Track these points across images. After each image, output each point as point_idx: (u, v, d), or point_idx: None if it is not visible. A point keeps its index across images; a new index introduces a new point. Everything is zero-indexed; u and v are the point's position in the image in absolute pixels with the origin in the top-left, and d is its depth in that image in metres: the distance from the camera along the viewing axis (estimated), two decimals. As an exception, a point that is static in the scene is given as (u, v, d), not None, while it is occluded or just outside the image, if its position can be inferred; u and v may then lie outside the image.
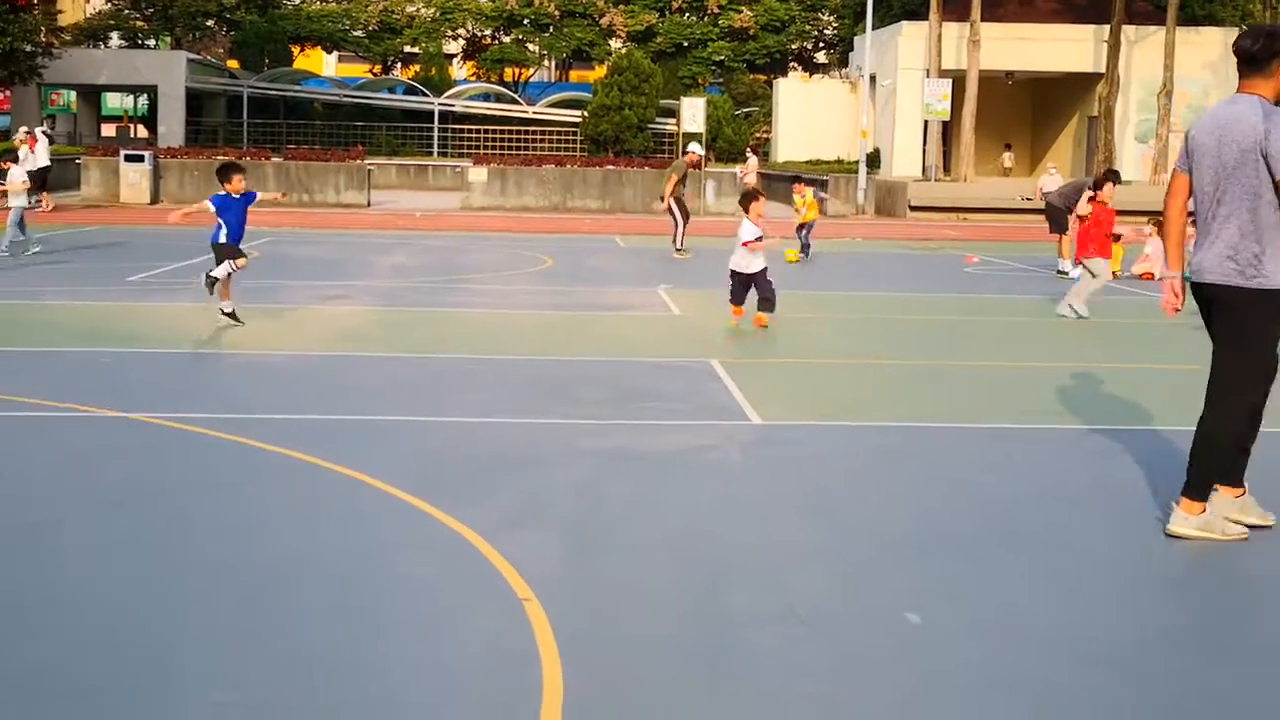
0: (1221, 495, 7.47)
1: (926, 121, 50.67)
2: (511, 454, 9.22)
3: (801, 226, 26.36)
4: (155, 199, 40.39)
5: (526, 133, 65.69)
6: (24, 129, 46.03)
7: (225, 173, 14.77)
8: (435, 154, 63.42)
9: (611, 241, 30.68)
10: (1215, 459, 7.39)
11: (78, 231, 29.04)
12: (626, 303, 18.32)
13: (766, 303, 15.37)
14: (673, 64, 69.93)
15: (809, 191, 27.24)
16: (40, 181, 34.39)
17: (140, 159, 40.70)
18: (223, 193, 14.70)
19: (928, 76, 50.04)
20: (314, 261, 23.52)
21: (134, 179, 40.07)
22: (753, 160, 46.27)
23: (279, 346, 13.71)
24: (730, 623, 6.02)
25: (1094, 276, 17.53)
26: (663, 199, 27.23)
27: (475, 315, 16.83)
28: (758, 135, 62.37)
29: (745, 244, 15.43)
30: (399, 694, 5.17)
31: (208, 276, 14.83)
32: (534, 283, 20.96)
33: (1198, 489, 7.41)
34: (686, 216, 26.64)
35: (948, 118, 49.51)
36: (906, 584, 6.60)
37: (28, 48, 49.55)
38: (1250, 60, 7.20)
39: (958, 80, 49.32)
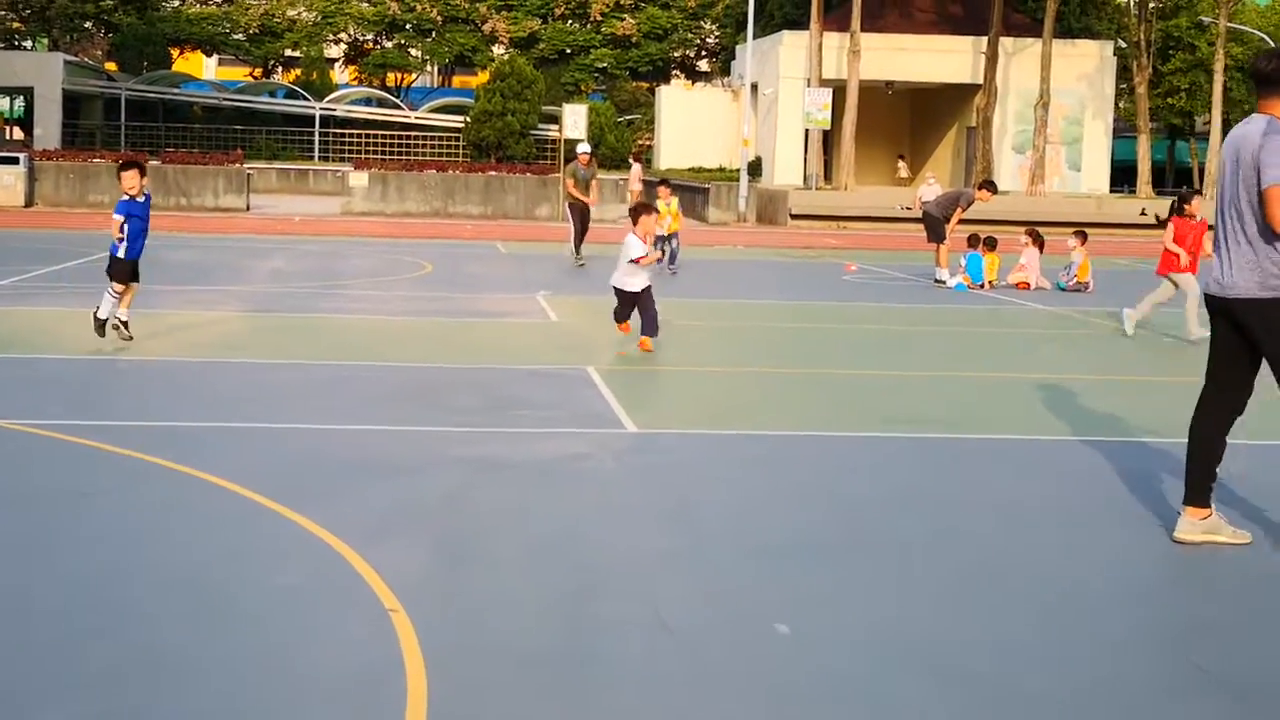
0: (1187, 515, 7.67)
1: (808, 130, 51.12)
2: (381, 462, 9.13)
3: (669, 236, 24.93)
4: (30, 202, 39.60)
5: (409, 138, 65.34)
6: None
7: (119, 172, 13.52)
8: (316, 158, 62.86)
9: (493, 247, 30.59)
10: (1211, 461, 7.63)
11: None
12: (505, 309, 18.26)
13: (651, 325, 14.31)
14: (555, 70, 69.93)
15: (674, 200, 25.66)
16: None
17: (15, 161, 39.90)
18: (124, 197, 13.48)
19: (809, 86, 50.47)
20: (189, 266, 23.17)
21: (8, 181, 39.26)
22: (636, 168, 46.34)
23: (150, 352, 13.47)
24: (598, 632, 6.01)
25: (1178, 290, 16.89)
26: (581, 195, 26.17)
27: (350, 321, 16.67)
28: (640, 143, 62.51)
29: (633, 260, 14.38)
30: (261, 704, 5.09)
31: (95, 318, 13.54)
32: (412, 288, 20.83)
33: (1199, 493, 7.61)
34: (584, 223, 26.14)
35: (828, 127, 49.99)
36: (774, 593, 6.62)
37: (-107, 46, 48.48)
38: (1265, 81, 7.42)
39: (838, 90, 49.79)
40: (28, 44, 71.42)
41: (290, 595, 6.34)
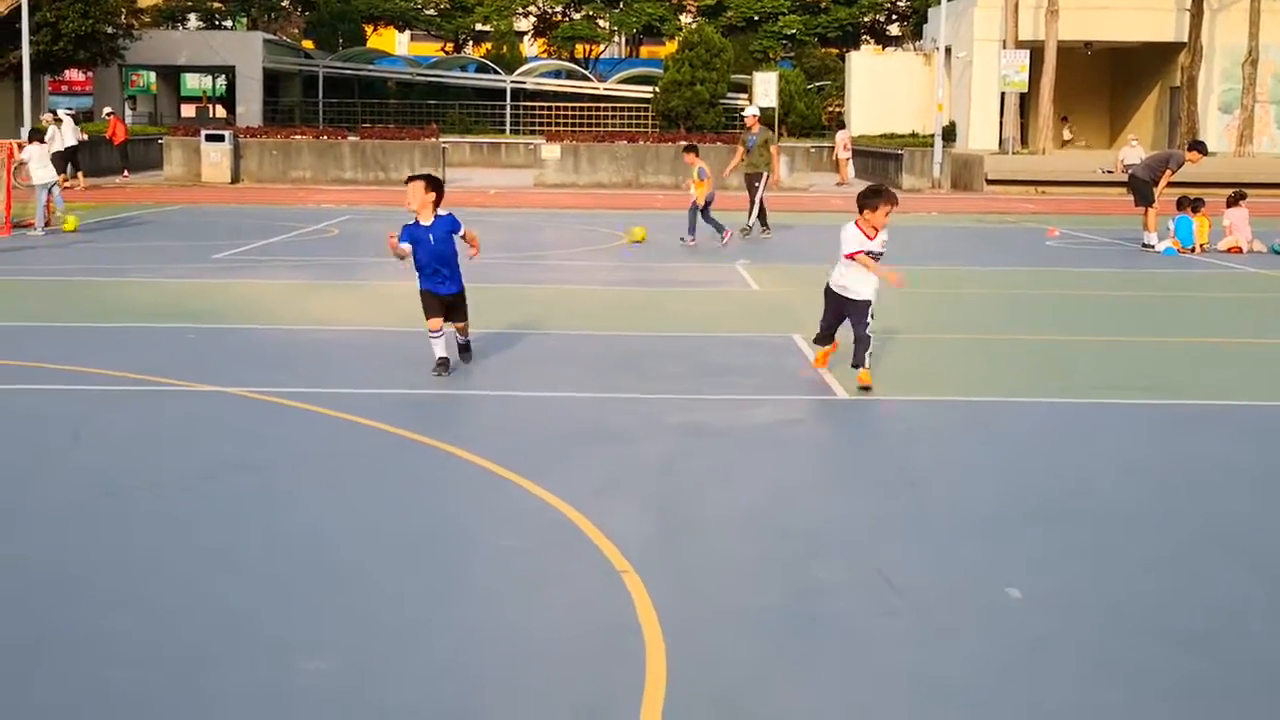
0: None
1: (1003, 94, 50.25)
2: (599, 428, 9.29)
3: (698, 208, 23.67)
4: (235, 178, 40.77)
5: (597, 109, 65.75)
6: (106, 110, 46.71)
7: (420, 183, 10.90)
8: (507, 131, 63.59)
9: (686, 218, 30.62)
10: None
11: (162, 210, 29.38)
12: (705, 279, 18.33)
13: (862, 345, 10.69)
14: (744, 38, 69.64)
15: (698, 165, 23.84)
16: (66, 162, 35.01)
17: (220, 139, 41.08)
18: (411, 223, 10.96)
19: (1004, 48, 49.59)
20: (374, 239, 23.62)
21: (215, 158, 40.46)
22: (842, 134, 46.01)
23: (362, 322, 13.84)
24: (823, 594, 6.07)
25: None
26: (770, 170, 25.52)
27: (553, 291, 16.90)
28: (830, 109, 62.05)
29: (848, 255, 10.79)
30: (504, 662, 5.24)
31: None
32: (611, 259, 21.01)
33: None
34: (751, 191, 25.68)
35: (1025, 89, 49.07)
36: (999, 558, 6.61)
37: (109, 29, 50.18)
38: None
39: (1035, 51, 48.83)
40: (228, 24, 73.40)
41: (522, 558, 6.51)
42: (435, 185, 10.91)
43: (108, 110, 45.93)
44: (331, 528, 6.96)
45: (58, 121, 36.94)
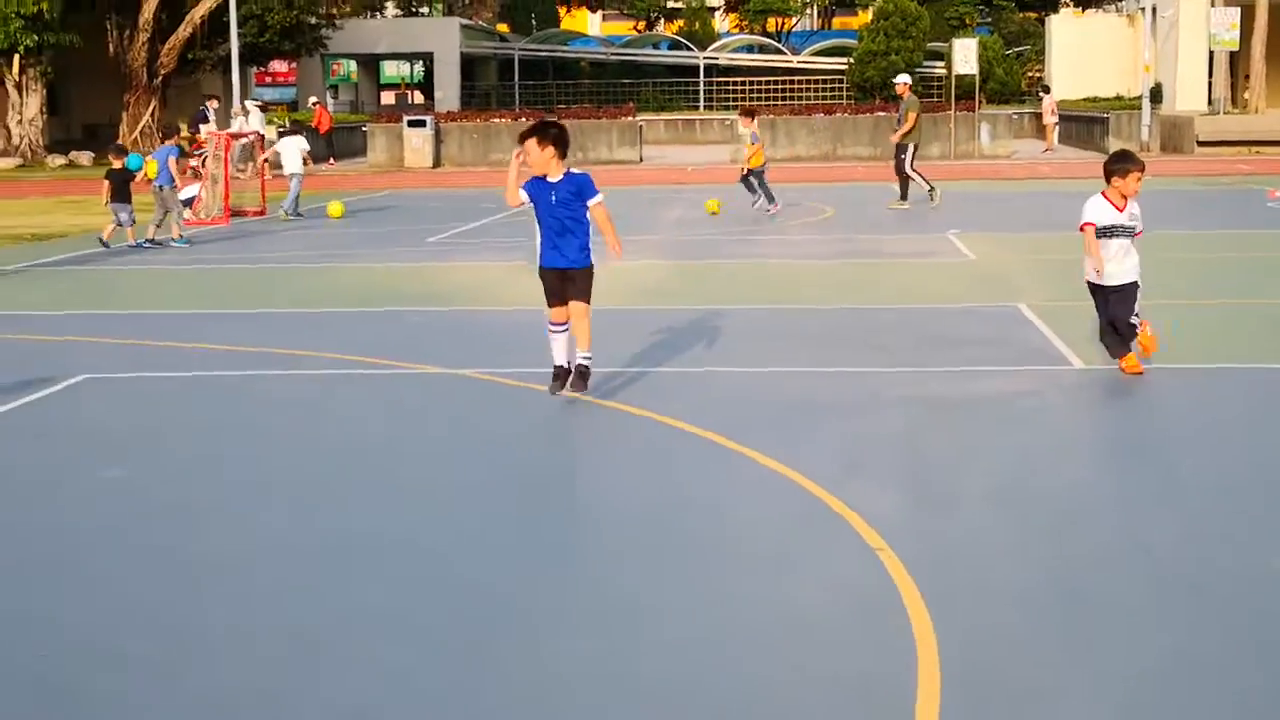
0: None
1: (1212, 53, 48.64)
2: (828, 402, 9.22)
3: (751, 173, 23.63)
4: (437, 163, 41.42)
5: (791, 83, 65.28)
6: (312, 99, 47.80)
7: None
8: (701, 108, 63.53)
9: (888, 189, 30.28)
10: None
11: (371, 196, 29.97)
12: (917, 249, 18.07)
13: (1126, 333, 9.63)
14: (939, 5, 68.48)
15: (751, 129, 23.61)
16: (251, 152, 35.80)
17: (422, 124, 41.74)
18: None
19: (1213, 5, 47.99)
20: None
21: (417, 144, 41.13)
22: (1048, 99, 45.05)
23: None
24: (1081, 569, 5.92)
25: None
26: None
27: (764, 265, 16.83)
28: (1030, 75, 60.75)
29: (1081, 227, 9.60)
30: (773, 640, 5.21)
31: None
32: (817, 232, 20.85)
33: None
34: (897, 163, 24.84)
35: (1236, 48, 47.44)
36: (1257, 529, 6.39)
37: (312, 20, 51.35)
38: None
39: (1246, 8, 47.17)
40: (424, 10, 74.54)
41: (774, 535, 6.47)
42: (553, 138, 9.16)
43: (314, 100, 46.98)
44: (568, 503, 7.00)
45: (245, 113, 37.82)
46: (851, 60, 58.66)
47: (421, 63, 70.31)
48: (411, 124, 41.90)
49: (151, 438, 8.66)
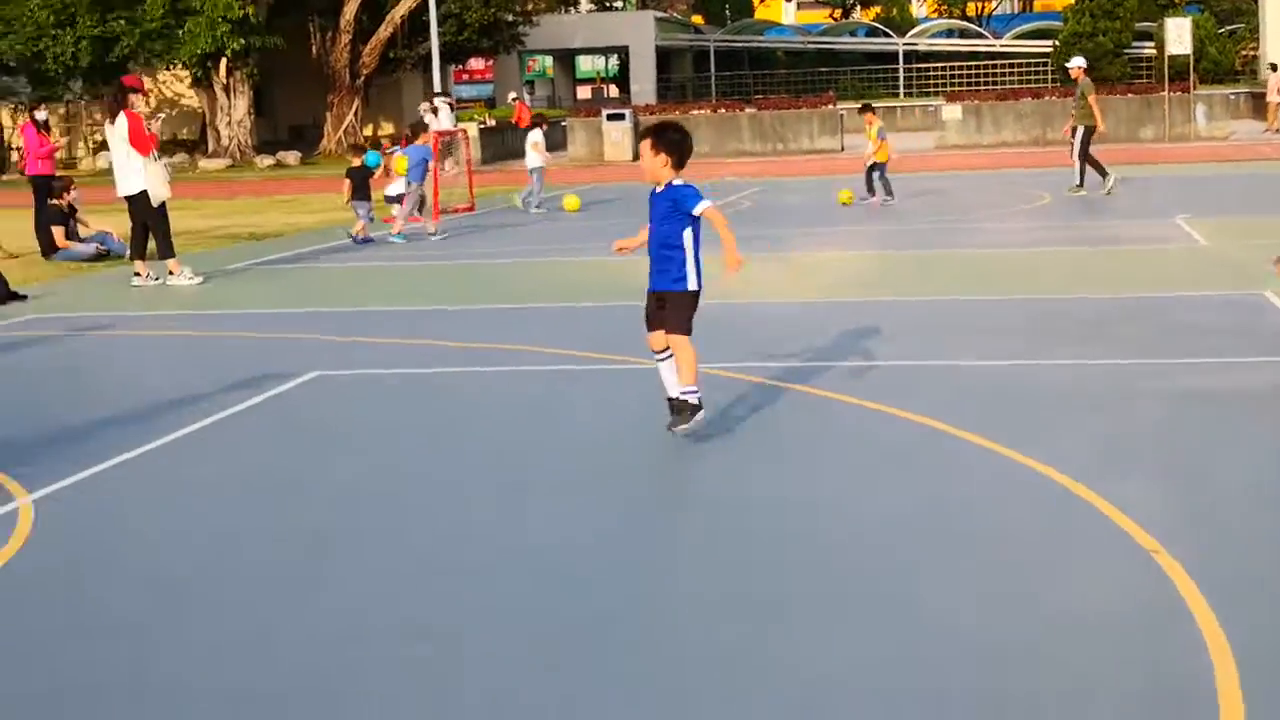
0: None
1: None
2: (1076, 395, 8.87)
3: (875, 167, 23.46)
4: (636, 156, 41.45)
5: (993, 68, 64.14)
6: (511, 95, 48.25)
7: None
8: (900, 95, 62.76)
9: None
10: None
11: (574, 190, 30.07)
12: (1144, 235, 17.45)
13: None
14: (1146, -16, 66.66)
15: (878, 125, 23.70)
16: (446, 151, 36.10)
17: (621, 117, 41.86)
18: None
19: None
20: (801, 210, 23.53)
21: (616, 137, 41.27)
22: (1274, 78, 43.40)
23: (792, 295, 13.70)
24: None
25: None
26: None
27: (987, 255, 16.41)
28: (1244, 53, 58.76)
29: None
30: (1050, 645, 4.93)
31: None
32: (1036, 219, 20.30)
33: None
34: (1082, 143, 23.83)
35: None
36: None
37: (509, 17, 51.89)
38: None
39: None
40: (619, 4, 74.94)
41: (1039, 535, 6.17)
42: (669, 144, 7.92)
43: (513, 96, 47.50)
44: (811, 501, 6.79)
45: (434, 110, 38.19)
46: (1057, 43, 57.39)
47: (616, 57, 70.68)
48: (610, 118, 42.05)
49: (389, 433, 8.66)
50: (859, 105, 27.82)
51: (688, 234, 7.91)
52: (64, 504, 7.29)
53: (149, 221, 16.07)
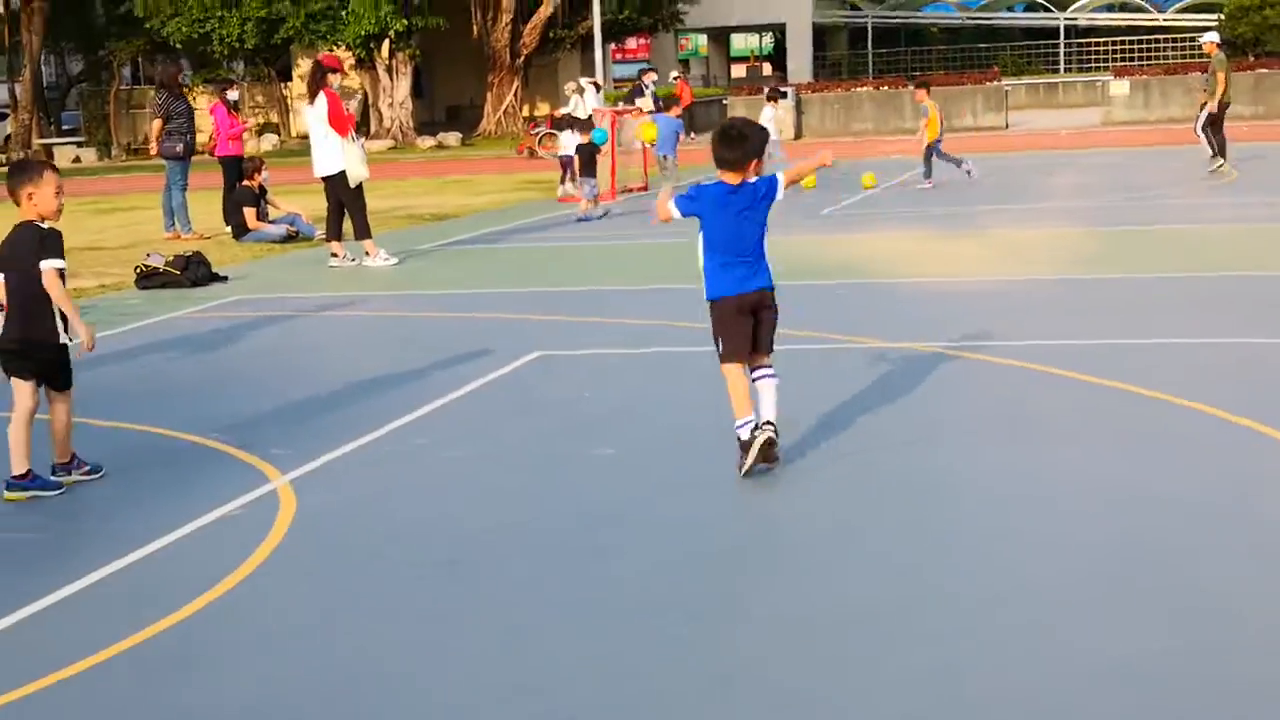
0: None
1: None
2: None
3: (932, 144, 22.95)
4: (798, 134, 41.30)
5: (1155, 42, 62.86)
6: (673, 74, 48.25)
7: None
8: (1061, 70, 61.74)
9: (1275, 148, 28.68)
10: None
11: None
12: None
13: None
14: (1319, -46, 64.67)
15: (930, 103, 23.28)
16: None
17: (783, 95, 41.56)
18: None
19: None
20: (979, 186, 23.23)
21: (778, 114, 40.99)
22: None
23: (995, 272, 13.53)
24: None
25: None
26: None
27: (1185, 231, 16.09)
28: None
29: None
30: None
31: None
32: (1227, 195, 19.84)
33: None
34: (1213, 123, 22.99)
35: None
36: None
37: (670, -6, 51.88)
38: None
39: None
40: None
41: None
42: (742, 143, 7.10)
43: (675, 74, 47.45)
44: (1106, 489, 6.70)
45: (580, 91, 38.16)
46: (1222, 16, 55.98)
47: (771, 34, 70.33)
48: (771, 96, 41.78)
49: (629, 415, 8.63)
50: (915, 83, 26.94)
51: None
52: (322, 483, 7.40)
53: (346, 202, 16.29)
